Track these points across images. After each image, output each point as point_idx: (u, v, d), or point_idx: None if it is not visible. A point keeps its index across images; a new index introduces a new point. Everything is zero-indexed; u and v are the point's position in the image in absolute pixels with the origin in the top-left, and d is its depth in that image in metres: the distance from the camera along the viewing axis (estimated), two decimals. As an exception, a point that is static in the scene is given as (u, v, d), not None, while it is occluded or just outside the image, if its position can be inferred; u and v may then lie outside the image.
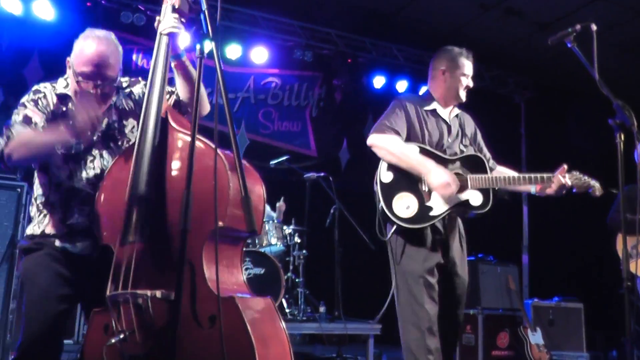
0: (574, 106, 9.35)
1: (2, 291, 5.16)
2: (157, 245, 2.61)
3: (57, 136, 2.66)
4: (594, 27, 3.08)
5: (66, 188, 2.86)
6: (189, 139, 2.61)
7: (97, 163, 2.90)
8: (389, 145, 3.77)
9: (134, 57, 8.56)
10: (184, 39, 2.93)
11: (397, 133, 3.81)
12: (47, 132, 2.73)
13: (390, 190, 3.74)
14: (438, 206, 3.69)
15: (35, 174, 2.99)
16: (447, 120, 3.99)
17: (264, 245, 6.74)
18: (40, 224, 2.90)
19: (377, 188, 3.79)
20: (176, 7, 2.84)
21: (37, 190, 2.97)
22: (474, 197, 3.75)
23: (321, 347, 7.90)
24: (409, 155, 3.75)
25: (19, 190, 5.31)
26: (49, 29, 7.68)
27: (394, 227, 3.75)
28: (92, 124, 2.57)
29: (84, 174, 2.87)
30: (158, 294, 2.49)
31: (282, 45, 9.39)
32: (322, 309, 6.71)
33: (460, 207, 3.75)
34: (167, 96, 2.98)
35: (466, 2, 8.17)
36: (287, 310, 6.57)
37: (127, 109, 3.06)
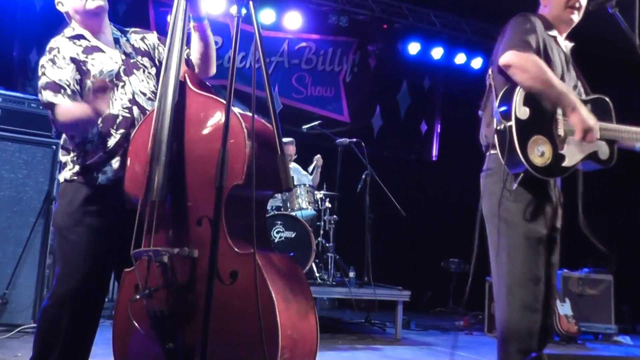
0: (610, 74, 9.17)
1: (39, 246, 5.27)
2: (179, 203, 2.66)
3: (83, 112, 2.76)
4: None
5: (104, 116, 2.89)
6: (207, 100, 2.71)
7: (127, 88, 2.97)
8: (532, 67, 2.98)
9: (169, 19, 8.54)
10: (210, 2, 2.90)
11: (536, 53, 3.06)
12: (77, 107, 2.81)
13: (526, 130, 2.99)
14: (571, 156, 3.11)
15: None
16: (566, 55, 3.31)
17: (295, 209, 6.79)
18: (79, 160, 2.93)
19: (509, 125, 2.99)
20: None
21: (70, 132, 3.01)
22: (602, 149, 3.20)
23: (350, 312, 7.99)
24: (556, 83, 3.01)
25: (54, 147, 5.39)
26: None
27: (521, 176, 3.05)
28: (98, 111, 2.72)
29: (118, 101, 2.94)
30: (180, 251, 2.55)
31: (317, 10, 9.34)
32: (351, 274, 6.76)
33: (588, 160, 3.19)
34: None
35: (506, -34, 8.01)
36: (317, 275, 6.63)
37: (142, 49, 3.14)
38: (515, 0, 3.98)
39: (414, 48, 9.93)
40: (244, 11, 2.35)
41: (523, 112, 2.99)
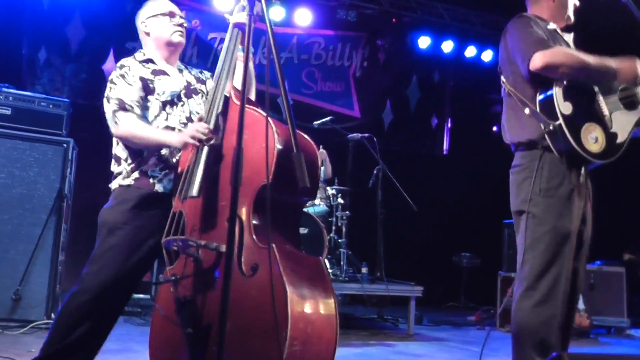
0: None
1: (51, 243, 5.28)
2: (213, 202, 2.88)
3: (164, 140, 3.08)
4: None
5: (162, 129, 3.17)
6: (246, 111, 2.85)
7: (186, 107, 3.27)
8: (563, 58, 3.02)
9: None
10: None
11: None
12: (155, 133, 3.10)
13: (575, 123, 3.01)
14: (622, 130, 3.13)
15: None
16: (569, 45, 3.34)
17: (307, 205, 6.77)
18: (135, 167, 3.15)
19: (558, 123, 2.98)
20: (244, 5, 3.10)
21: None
22: None
23: (362, 308, 7.97)
24: (590, 60, 3.06)
25: (65, 145, 5.42)
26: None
27: (582, 170, 3.11)
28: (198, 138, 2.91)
29: (176, 117, 3.22)
30: (207, 243, 2.72)
31: (326, 5, 9.32)
32: (364, 270, 6.73)
33: (636, 127, 3.20)
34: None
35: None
36: (330, 271, 6.61)
37: (201, 79, 3.47)
38: None
39: (423, 42, 9.89)
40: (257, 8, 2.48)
41: (566, 107, 3.01)
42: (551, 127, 2.99)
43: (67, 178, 5.38)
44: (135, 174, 3.14)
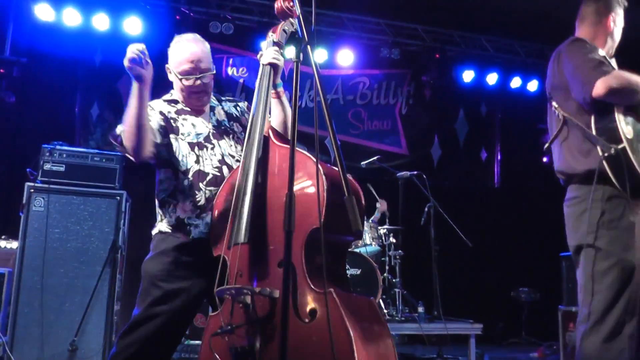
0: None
1: (106, 293, 5.36)
2: (260, 247, 2.84)
3: (131, 97, 3.00)
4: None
5: (194, 172, 3.16)
6: (288, 151, 2.80)
7: (217, 150, 3.24)
8: (625, 82, 2.98)
9: (224, 65, 8.77)
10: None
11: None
12: (129, 104, 3.02)
13: (634, 147, 2.97)
14: None
15: (156, 173, 3.27)
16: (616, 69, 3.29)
17: (359, 245, 6.72)
18: (172, 213, 3.16)
19: (621, 147, 2.93)
20: (275, 40, 3.17)
21: (162, 185, 3.23)
22: None
23: (422, 347, 7.81)
24: None
25: (118, 198, 5.54)
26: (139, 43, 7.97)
27: None
28: (132, 57, 2.88)
29: (208, 160, 3.19)
30: (261, 290, 2.68)
31: (368, 44, 9.37)
32: (420, 309, 6.63)
33: None
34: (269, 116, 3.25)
35: (556, -16, 7.90)
36: (385, 311, 6.52)
37: (234, 115, 3.46)
38: (565, 18, 3.92)
39: (468, 75, 9.84)
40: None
41: (629, 131, 2.98)
42: (612, 151, 2.92)
43: (120, 230, 5.47)
44: (172, 221, 3.15)
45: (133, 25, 8.02)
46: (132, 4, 8.09)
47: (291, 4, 3.04)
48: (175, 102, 3.31)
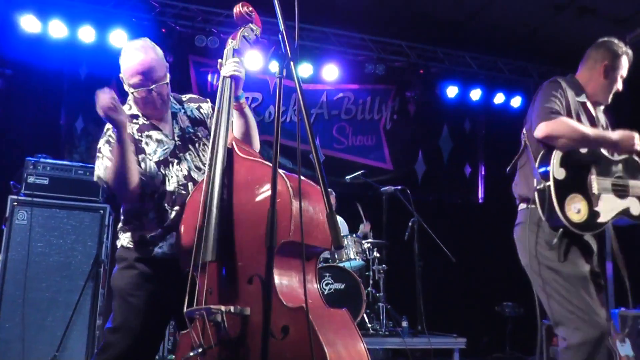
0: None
1: (89, 308, 5.35)
2: (229, 264, 2.75)
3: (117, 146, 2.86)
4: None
5: (160, 193, 3.04)
6: (253, 164, 2.82)
7: (183, 165, 3.11)
8: (564, 130, 3.29)
9: (209, 78, 8.79)
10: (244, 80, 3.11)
11: (563, 115, 3.39)
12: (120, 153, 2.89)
13: (563, 189, 3.31)
14: (606, 212, 3.40)
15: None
16: (595, 118, 3.61)
17: (343, 260, 6.72)
18: (136, 231, 3.06)
19: (548, 184, 3.30)
20: (235, 48, 3.07)
21: (126, 206, 3.13)
22: (634, 206, 3.51)
23: (405, 361, 7.80)
24: (590, 133, 3.36)
25: (101, 211, 5.54)
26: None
27: (560, 231, 3.34)
28: (107, 107, 2.81)
29: (174, 178, 3.07)
30: (232, 308, 2.60)
31: (353, 60, 9.42)
32: (404, 324, 6.63)
33: (621, 215, 3.49)
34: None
35: (539, 4, 8.01)
36: (369, 325, 6.52)
37: (198, 118, 3.28)
38: (547, 36, 4.07)
39: (452, 91, 9.90)
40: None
41: (560, 173, 3.32)
42: (542, 186, 3.30)
43: (103, 244, 5.46)
44: (136, 238, 3.05)
45: (119, 38, 7.98)
46: (118, 16, 8.08)
47: (250, 9, 3.03)
48: (136, 117, 3.14)
